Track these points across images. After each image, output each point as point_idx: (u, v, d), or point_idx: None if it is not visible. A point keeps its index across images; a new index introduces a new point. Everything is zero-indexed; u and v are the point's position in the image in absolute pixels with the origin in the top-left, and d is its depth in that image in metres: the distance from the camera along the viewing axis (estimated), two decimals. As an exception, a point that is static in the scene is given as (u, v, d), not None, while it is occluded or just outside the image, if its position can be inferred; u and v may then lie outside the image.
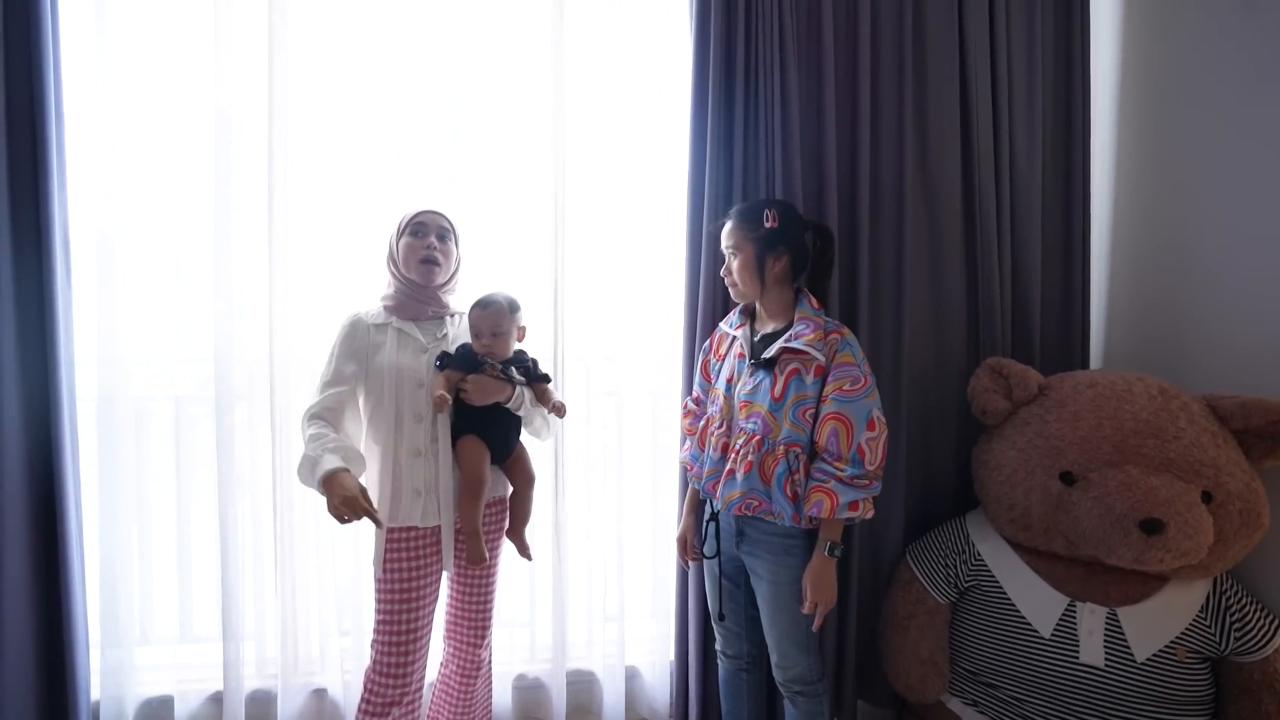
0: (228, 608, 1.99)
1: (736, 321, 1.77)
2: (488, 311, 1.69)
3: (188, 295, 2.07)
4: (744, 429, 1.63)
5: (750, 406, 1.63)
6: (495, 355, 1.69)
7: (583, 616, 2.22)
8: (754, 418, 1.62)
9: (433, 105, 2.11)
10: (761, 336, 1.69)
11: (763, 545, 1.67)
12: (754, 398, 1.63)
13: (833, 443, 1.56)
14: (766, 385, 1.61)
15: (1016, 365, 1.88)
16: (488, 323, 1.69)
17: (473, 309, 1.70)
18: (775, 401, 1.59)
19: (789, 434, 1.58)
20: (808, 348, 1.58)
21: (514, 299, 1.73)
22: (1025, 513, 1.76)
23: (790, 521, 1.59)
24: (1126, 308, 2.17)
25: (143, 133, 1.97)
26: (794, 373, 1.59)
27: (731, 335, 1.77)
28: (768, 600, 1.68)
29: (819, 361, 1.59)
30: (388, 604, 1.65)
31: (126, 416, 1.98)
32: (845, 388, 1.57)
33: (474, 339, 1.69)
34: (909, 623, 1.94)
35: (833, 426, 1.56)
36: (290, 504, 2.01)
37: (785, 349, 1.60)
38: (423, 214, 1.71)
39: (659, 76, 2.17)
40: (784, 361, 1.61)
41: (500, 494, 1.79)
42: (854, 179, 2.05)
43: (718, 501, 1.68)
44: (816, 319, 1.63)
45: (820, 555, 1.61)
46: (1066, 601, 1.71)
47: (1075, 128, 2.17)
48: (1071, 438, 1.72)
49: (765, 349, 1.65)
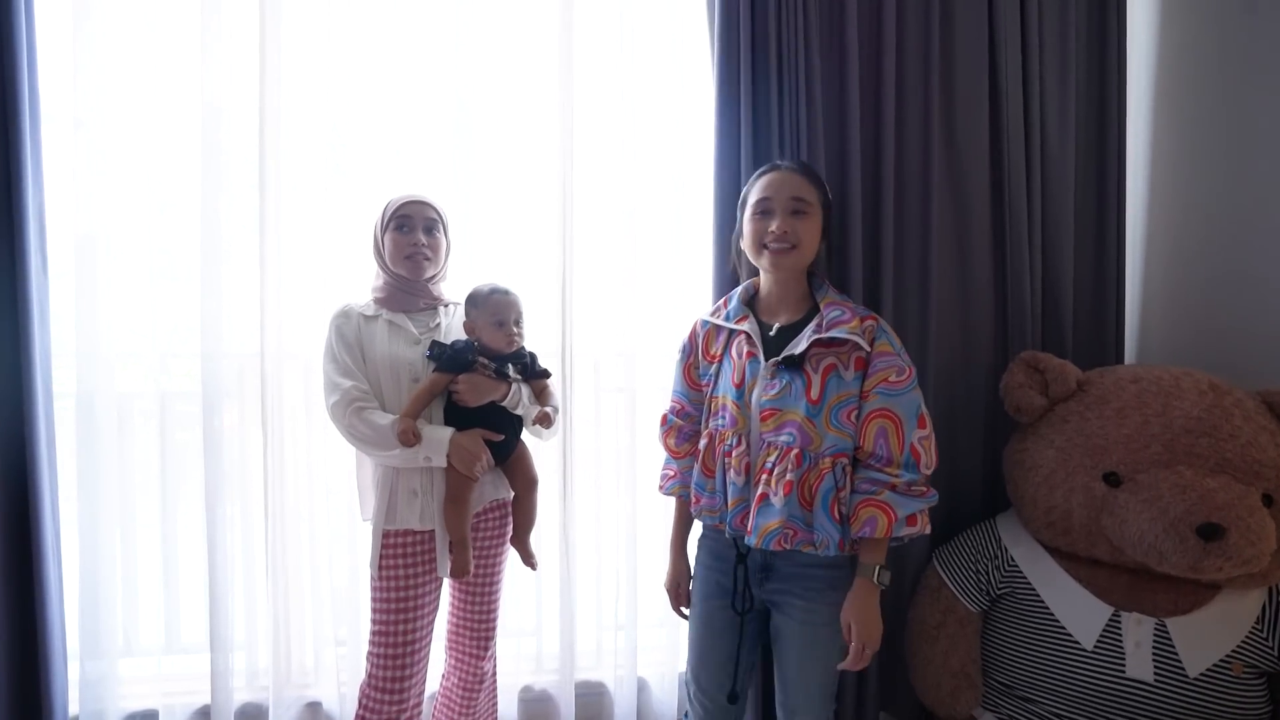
0: (216, 615, 1.88)
1: (736, 313, 1.50)
2: (511, 298, 1.60)
3: (175, 287, 1.96)
4: (774, 443, 1.38)
5: (779, 415, 1.38)
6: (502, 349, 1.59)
7: (592, 625, 2.13)
8: (787, 428, 1.37)
9: (434, 86, 2.01)
10: (778, 330, 1.45)
11: (796, 581, 1.42)
12: (783, 404, 1.38)
13: (881, 445, 1.35)
14: (799, 387, 1.37)
15: (1053, 359, 1.78)
16: (514, 309, 1.60)
17: (491, 296, 1.59)
18: (813, 406, 1.35)
19: (835, 443, 1.36)
20: (850, 335, 1.36)
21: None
22: (1065, 516, 1.65)
23: (834, 550, 1.36)
24: (1164, 299, 2.07)
25: (126, 119, 1.85)
26: (830, 369, 1.37)
27: (729, 330, 1.50)
28: (797, 648, 1.43)
29: (861, 353, 1.38)
30: (384, 613, 1.55)
31: (109, 414, 1.87)
32: (891, 379, 1.37)
33: (496, 328, 1.58)
34: (938, 632, 1.83)
35: (880, 426, 1.36)
36: (282, 505, 1.91)
37: (818, 341, 1.37)
38: (407, 205, 1.61)
39: (673, 55, 2.07)
40: (816, 357, 1.38)
41: (502, 497, 1.68)
42: (878, 162, 1.94)
43: (750, 536, 1.38)
44: (847, 303, 1.44)
45: (866, 584, 1.37)
46: (1110, 611, 1.60)
47: (1110, 107, 2.06)
48: (1116, 436, 1.61)
49: (784, 344, 1.41)
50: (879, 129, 1.93)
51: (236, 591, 1.94)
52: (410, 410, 1.51)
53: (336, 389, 1.54)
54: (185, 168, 1.88)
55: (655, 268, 2.09)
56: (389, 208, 1.62)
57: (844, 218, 1.90)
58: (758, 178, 1.49)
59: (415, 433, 1.49)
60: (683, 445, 1.60)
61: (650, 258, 2.08)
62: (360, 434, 1.52)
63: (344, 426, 1.53)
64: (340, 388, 1.54)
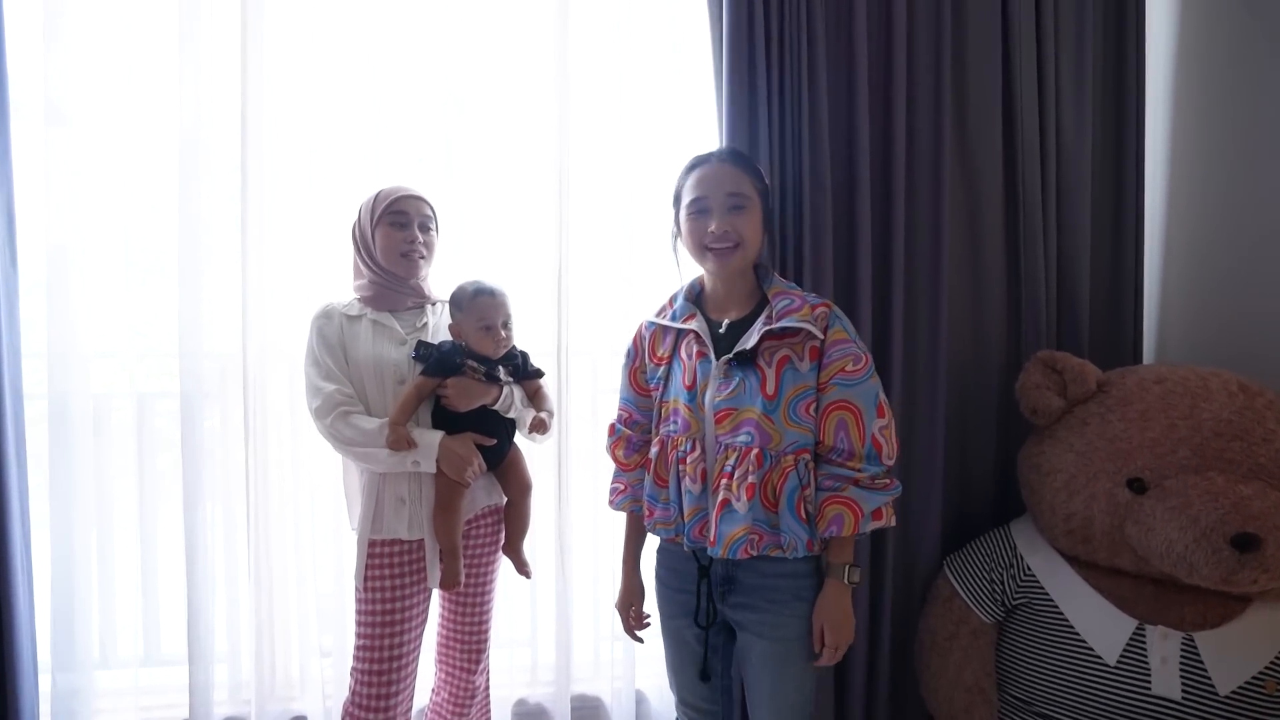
0: (196, 626, 1.81)
1: (683, 312, 1.40)
2: (498, 299, 1.50)
3: (153, 283, 1.89)
4: (731, 445, 1.30)
5: (735, 414, 1.30)
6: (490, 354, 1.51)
7: (589, 635, 2.06)
8: (744, 428, 1.29)
9: (425, 75, 1.95)
10: (727, 327, 1.37)
11: (760, 594, 1.33)
12: (738, 403, 1.30)
13: (842, 439, 1.29)
14: (753, 384, 1.29)
15: (1072, 359, 1.70)
16: (501, 311, 1.51)
17: (476, 298, 1.49)
18: (769, 401, 1.28)
19: (796, 438, 1.29)
20: (802, 324, 1.29)
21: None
22: (1086, 523, 1.58)
23: (803, 551, 1.30)
24: (1184, 297, 1.99)
25: (101, 111, 1.77)
26: (784, 361, 1.30)
27: (676, 330, 1.41)
28: (766, 666, 1.34)
29: (815, 341, 1.31)
30: (369, 626, 1.46)
31: (83, 415, 1.79)
32: (848, 368, 1.30)
33: (483, 333, 1.49)
34: (951, 644, 1.76)
35: (839, 418, 1.29)
36: (266, 510, 1.83)
37: (769, 333, 1.30)
38: (403, 199, 1.53)
39: (672, 47, 2.01)
40: (769, 350, 1.31)
41: (494, 503, 1.60)
42: (888, 160, 1.87)
43: (714, 547, 1.30)
44: (795, 292, 1.36)
45: (836, 584, 1.32)
46: (1134, 625, 1.52)
47: (1128, 100, 1.98)
48: (1140, 440, 1.53)
49: (735, 341, 1.33)
50: (888, 129, 1.86)
51: (218, 601, 1.87)
52: (399, 416, 1.43)
53: (319, 393, 1.46)
54: (163, 160, 1.80)
55: (654, 263, 1.99)
56: (380, 200, 1.54)
57: (852, 215, 1.84)
58: (688, 172, 1.39)
59: (409, 440, 1.41)
60: (631, 456, 1.48)
61: (649, 252, 1.99)
62: (345, 439, 1.44)
63: (328, 432, 1.45)
64: (322, 392, 1.46)
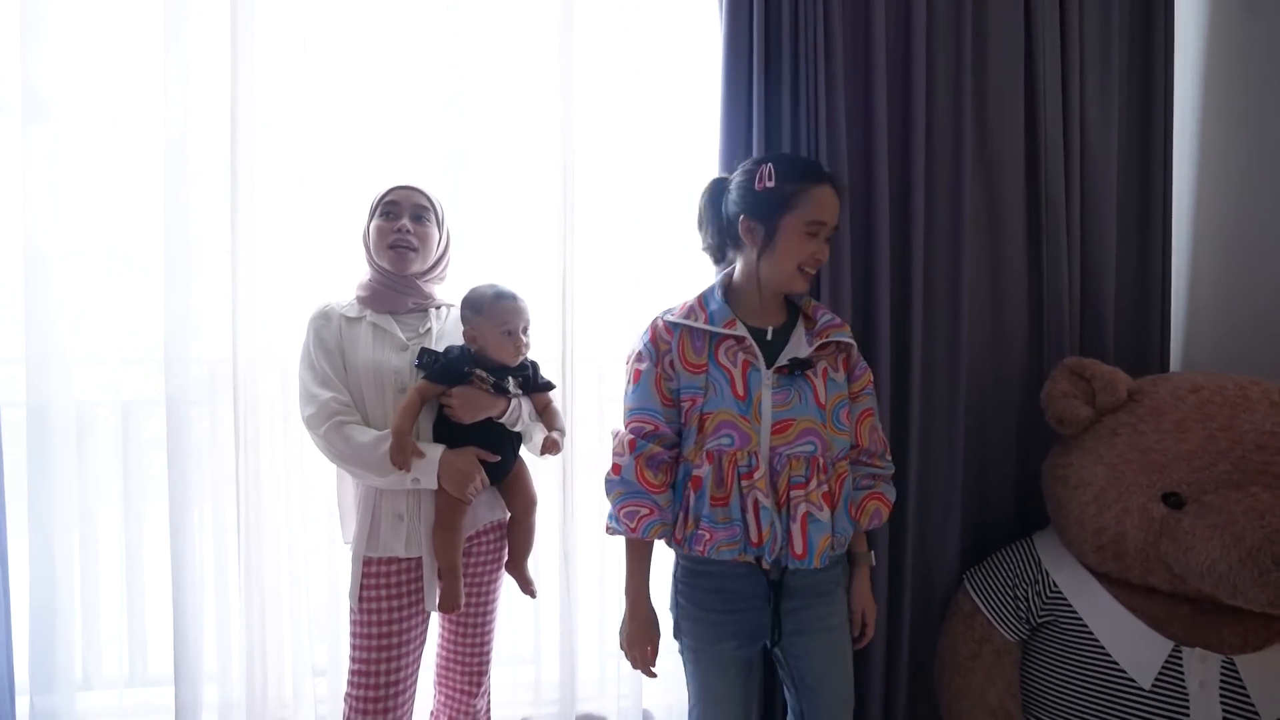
0: (182, 644, 1.72)
1: (722, 316, 1.35)
2: (520, 304, 1.44)
3: (138, 285, 1.81)
4: (794, 455, 1.30)
5: (795, 424, 1.31)
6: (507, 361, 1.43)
7: (594, 652, 1.97)
8: (806, 437, 1.31)
9: (426, 73, 1.88)
10: (773, 334, 1.37)
11: (810, 592, 1.37)
12: (795, 413, 1.31)
13: (873, 441, 1.45)
14: (807, 394, 1.33)
15: (1101, 366, 1.63)
16: (523, 316, 1.44)
17: (498, 302, 1.42)
18: (822, 410, 1.34)
19: (842, 445, 1.39)
20: (848, 339, 1.41)
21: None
22: (1118, 539, 1.50)
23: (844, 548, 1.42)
24: (1213, 302, 1.93)
25: (83, 105, 1.69)
26: (825, 372, 1.38)
27: (718, 334, 1.34)
28: (828, 657, 1.38)
29: (844, 354, 1.43)
30: (364, 650, 1.39)
31: (65, 424, 1.71)
32: (869, 378, 1.47)
33: (504, 338, 1.42)
34: (973, 664, 1.68)
35: (871, 423, 1.45)
36: (258, 522, 1.75)
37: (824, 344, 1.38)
38: (395, 191, 1.46)
39: (682, 43, 1.93)
40: (816, 361, 1.38)
41: (497, 519, 1.52)
42: (906, 162, 1.80)
43: (804, 559, 1.29)
44: (824, 307, 1.46)
45: (865, 569, 1.48)
46: (1170, 646, 1.45)
47: (1155, 96, 1.92)
48: (1177, 452, 1.46)
49: (779, 349, 1.35)
50: (907, 130, 1.79)
51: (207, 617, 1.78)
52: (403, 426, 1.34)
53: (313, 400, 1.38)
54: (148, 157, 1.72)
55: (663, 265, 1.95)
56: (376, 195, 1.48)
57: (869, 217, 1.78)
58: (808, 181, 1.33)
59: (416, 451, 1.33)
60: (659, 476, 1.34)
61: (658, 254, 1.94)
62: (339, 452, 1.36)
63: (321, 443, 1.37)
64: (317, 399, 1.38)
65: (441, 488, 1.36)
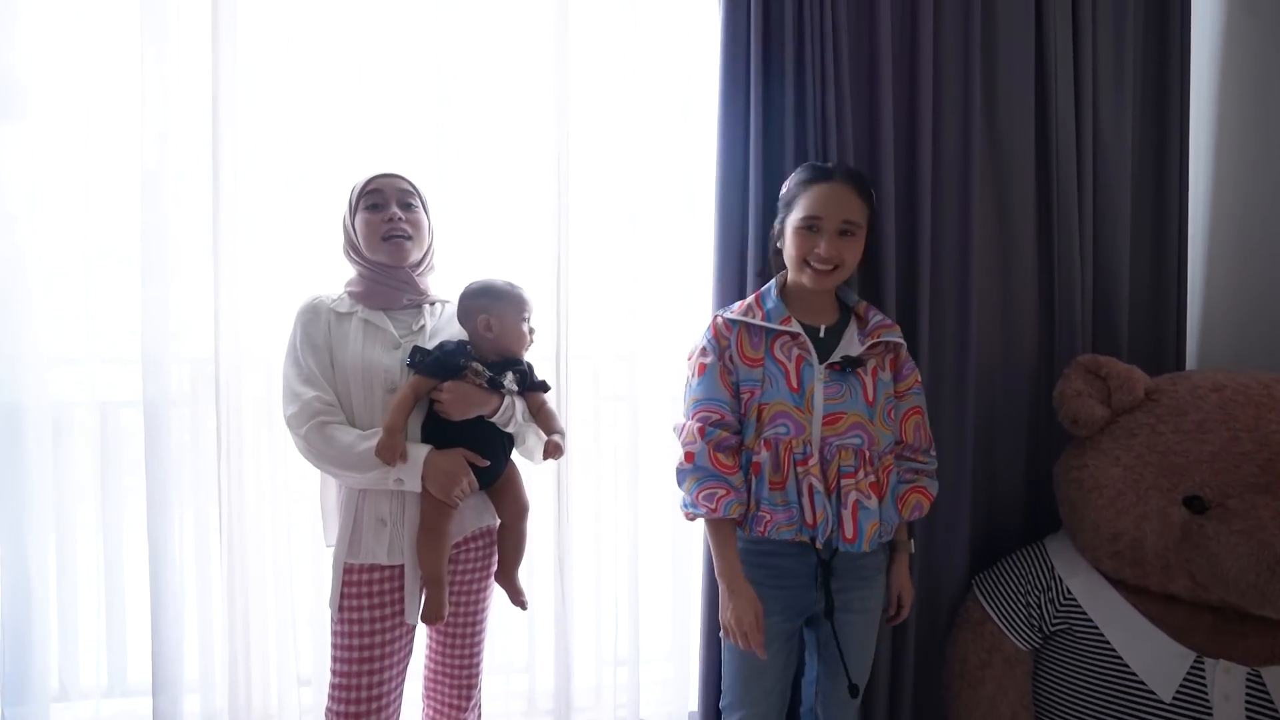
0: (161, 653, 1.67)
1: (778, 313, 1.43)
2: (527, 296, 1.41)
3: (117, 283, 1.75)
4: (844, 446, 1.40)
5: (845, 418, 1.41)
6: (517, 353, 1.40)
7: (590, 660, 1.92)
8: (854, 431, 1.41)
9: (413, 62, 1.82)
10: (826, 332, 1.45)
11: (854, 575, 1.47)
12: (846, 407, 1.41)
13: (918, 437, 1.50)
14: (857, 390, 1.42)
15: (1117, 364, 1.57)
16: (527, 307, 1.41)
17: (513, 292, 1.40)
18: (870, 407, 1.42)
19: (888, 440, 1.46)
20: (897, 339, 1.47)
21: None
22: (1135, 545, 1.44)
23: (890, 535, 1.49)
24: (1230, 299, 1.88)
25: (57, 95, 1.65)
26: (875, 370, 1.45)
27: (774, 330, 1.43)
28: (859, 634, 1.48)
29: (892, 354, 1.49)
30: (345, 663, 1.32)
31: (40, 426, 1.65)
32: (917, 378, 1.52)
33: (521, 330, 1.40)
34: (983, 673, 1.63)
35: (916, 421, 1.51)
36: (241, 527, 1.69)
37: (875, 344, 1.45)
38: (376, 180, 1.39)
39: (681, 33, 1.88)
40: (867, 359, 1.45)
41: (486, 525, 1.46)
42: (913, 155, 1.75)
43: (853, 543, 1.39)
44: (875, 309, 1.52)
45: (905, 556, 1.56)
46: (1192, 657, 1.39)
47: (1171, 90, 1.86)
48: (1198, 454, 1.40)
49: (832, 347, 1.44)
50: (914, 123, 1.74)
51: (188, 625, 1.73)
52: (396, 421, 1.28)
53: (296, 399, 1.32)
54: (126, 151, 1.65)
55: (659, 262, 1.89)
56: (355, 189, 1.41)
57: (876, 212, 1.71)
58: (808, 184, 1.42)
59: (402, 452, 1.27)
60: (730, 459, 1.42)
61: (654, 251, 1.88)
62: (321, 453, 1.30)
63: (302, 444, 1.31)
64: (300, 398, 1.31)
65: (427, 491, 1.30)
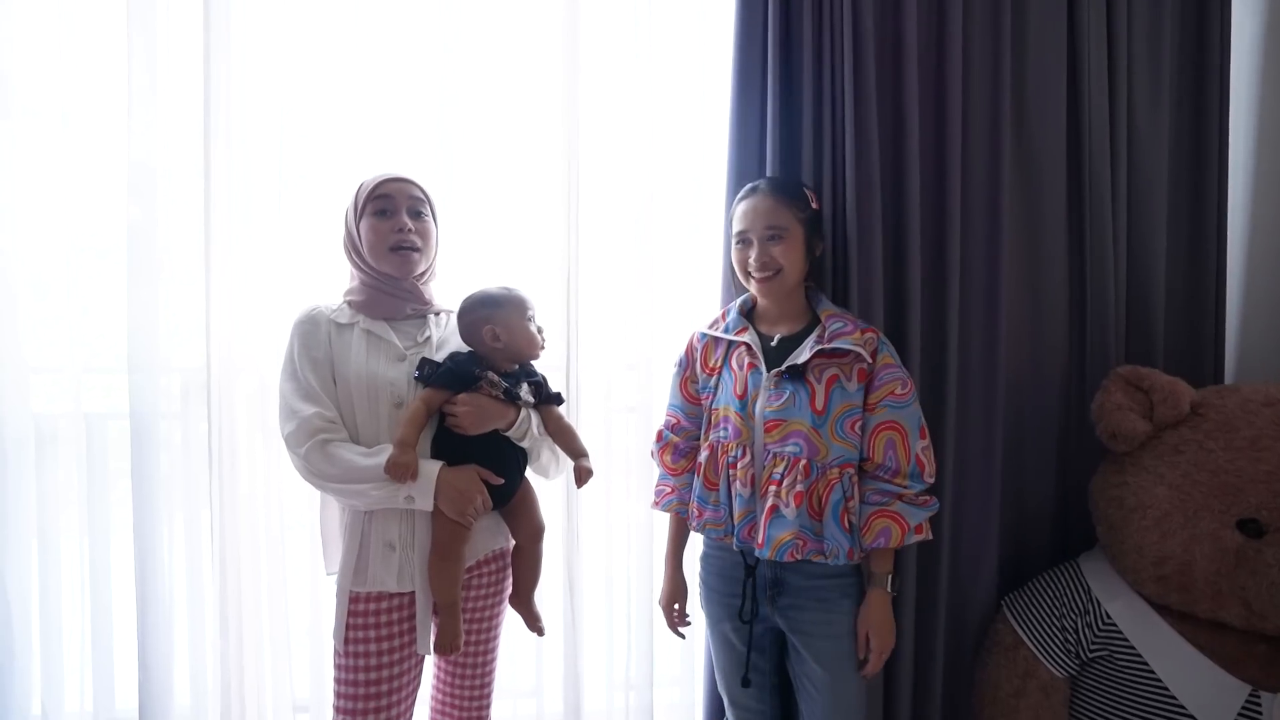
0: (147, 678, 1.60)
1: (735, 325, 1.51)
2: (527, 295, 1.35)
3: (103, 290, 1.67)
4: (780, 454, 1.39)
5: (784, 425, 1.39)
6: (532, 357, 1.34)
7: (600, 684, 1.86)
8: (792, 438, 1.38)
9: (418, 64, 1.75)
10: (779, 341, 1.45)
11: (808, 595, 1.42)
12: (787, 414, 1.39)
13: (890, 457, 1.40)
14: (803, 398, 1.38)
15: (1161, 376, 1.50)
16: (529, 307, 1.35)
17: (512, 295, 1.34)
18: (818, 416, 1.38)
19: (841, 453, 1.39)
20: (854, 346, 1.39)
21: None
22: (1184, 569, 1.37)
23: (844, 559, 1.38)
24: (1271, 308, 1.81)
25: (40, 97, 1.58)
26: (833, 380, 1.40)
27: (728, 341, 1.51)
28: (827, 665, 1.42)
29: (863, 364, 1.41)
30: (350, 698, 1.25)
31: (22, 438, 1.59)
32: (897, 391, 1.41)
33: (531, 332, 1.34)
34: (1017, 702, 1.55)
35: (888, 438, 1.41)
36: (235, 546, 1.63)
37: (820, 352, 1.38)
38: (386, 184, 1.32)
39: (694, 38, 1.83)
40: (818, 368, 1.40)
41: (500, 547, 1.38)
42: (940, 159, 1.68)
43: (762, 549, 1.39)
44: (847, 315, 1.47)
45: (880, 593, 1.43)
46: (1247, 691, 1.32)
47: (1209, 91, 1.79)
48: (1253, 473, 1.33)
49: (785, 356, 1.42)
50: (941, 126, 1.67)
51: (178, 648, 1.67)
52: (408, 436, 1.21)
53: (294, 416, 1.24)
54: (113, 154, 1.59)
55: (672, 270, 1.83)
56: (362, 190, 1.34)
57: (900, 221, 1.67)
58: (736, 203, 1.50)
59: (413, 470, 1.19)
60: (679, 462, 1.58)
61: (666, 258, 1.82)
62: (322, 472, 1.22)
63: (302, 464, 1.23)
64: (298, 415, 1.23)
65: (439, 511, 1.21)
